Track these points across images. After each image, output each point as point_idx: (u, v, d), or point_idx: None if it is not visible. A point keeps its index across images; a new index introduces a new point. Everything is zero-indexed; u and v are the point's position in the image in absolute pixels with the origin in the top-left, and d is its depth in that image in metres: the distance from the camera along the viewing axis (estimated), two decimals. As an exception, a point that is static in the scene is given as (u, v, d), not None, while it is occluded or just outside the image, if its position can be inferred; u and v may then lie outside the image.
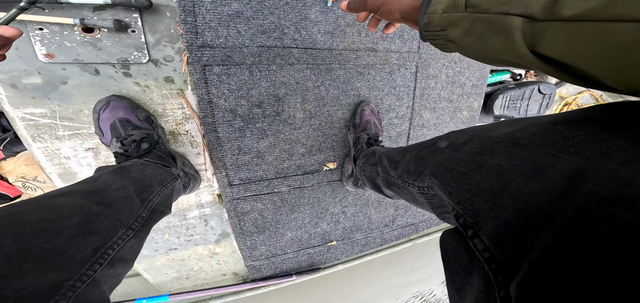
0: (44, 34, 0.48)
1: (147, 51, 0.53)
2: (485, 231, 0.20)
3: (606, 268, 0.12)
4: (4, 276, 0.22)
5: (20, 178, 0.76)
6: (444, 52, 0.39)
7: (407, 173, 0.39)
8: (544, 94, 1.12)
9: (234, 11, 0.56)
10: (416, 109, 0.86)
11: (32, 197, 0.34)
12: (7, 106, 0.50)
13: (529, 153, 0.20)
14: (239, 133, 0.65)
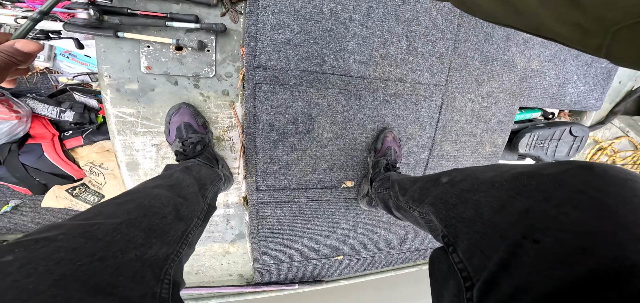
0: (149, 51, 0.67)
1: (215, 67, 0.71)
2: (461, 248, 0.31)
3: (539, 273, 0.21)
4: (144, 244, 0.37)
5: (89, 163, 0.96)
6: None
7: (413, 200, 0.53)
8: (575, 136, 1.22)
9: (286, 39, 0.73)
10: (437, 140, 1.00)
11: (133, 187, 0.51)
12: (108, 104, 0.69)
13: (499, 193, 0.30)
14: (273, 144, 0.82)
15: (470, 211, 0.32)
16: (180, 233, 0.45)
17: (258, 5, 0.70)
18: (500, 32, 0.94)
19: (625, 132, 1.39)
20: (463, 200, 0.35)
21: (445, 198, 0.39)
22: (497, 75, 0.98)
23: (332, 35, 0.77)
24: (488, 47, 0.93)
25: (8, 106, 0.91)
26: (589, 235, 0.20)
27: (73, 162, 0.98)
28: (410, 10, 0.82)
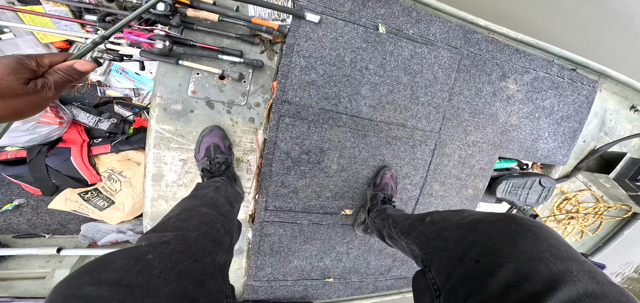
0: (198, 78, 0.87)
1: (247, 97, 0.94)
2: (434, 268, 0.52)
3: (479, 283, 0.43)
4: (212, 252, 0.57)
5: (109, 169, 1.11)
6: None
7: (402, 232, 0.77)
8: (544, 186, 1.62)
9: (311, 80, 0.98)
10: (428, 181, 1.31)
11: (183, 205, 0.70)
12: (153, 121, 0.87)
13: (461, 231, 0.50)
14: (286, 170, 1.05)
15: (442, 243, 0.55)
16: (228, 244, 0.66)
17: (293, 48, 0.94)
18: (488, 87, 1.29)
19: (588, 186, 1.85)
20: (438, 236, 0.58)
21: (427, 234, 0.63)
22: (482, 127, 1.33)
23: (350, 81, 1.04)
24: (477, 100, 1.27)
25: (56, 112, 1.06)
26: (506, 257, 0.39)
27: (93, 168, 1.12)
28: (416, 64, 1.13)
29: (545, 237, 0.40)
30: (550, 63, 1.34)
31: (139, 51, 0.80)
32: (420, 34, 1.09)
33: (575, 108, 1.45)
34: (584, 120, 1.50)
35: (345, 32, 0.99)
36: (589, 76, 1.45)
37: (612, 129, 1.68)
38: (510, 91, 1.29)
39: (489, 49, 1.20)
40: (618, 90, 1.56)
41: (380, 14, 1.02)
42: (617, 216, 1.93)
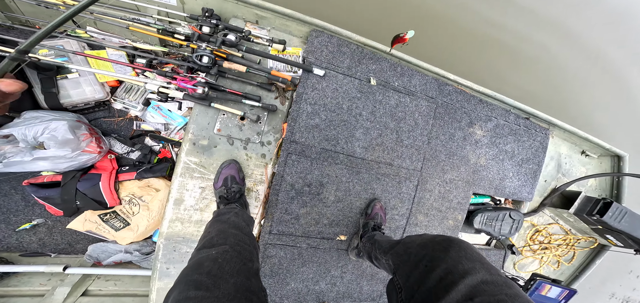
0: (223, 118, 1.05)
1: (261, 136, 1.11)
2: (399, 274, 0.74)
3: (427, 280, 0.62)
4: (250, 260, 0.70)
5: (130, 194, 1.23)
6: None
7: (383, 252, 0.94)
8: (513, 219, 1.82)
9: (315, 124, 1.17)
10: (413, 212, 1.48)
11: (214, 226, 0.84)
12: (183, 153, 1.02)
13: (419, 248, 0.71)
14: (291, 199, 1.20)
15: (406, 257, 0.76)
16: (256, 255, 0.81)
17: (302, 96, 1.14)
18: (460, 133, 1.52)
19: (555, 220, 2.08)
20: (405, 252, 0.79)
21: (398, 251, 0.83)
22: (456, 166, 1.54)
23: (346, 125, 1.24)
24: (451, 144, 1.50)
25: (98, 142, 1.19)
26: (441, 262, 0.60)
27: (116, 192, 1.24)
28: (400, 111, 1.35)
29: (465, 249, 0.62)
30: (507, 112, 1.61)
31: (183, 94, 0.97)
32: (403, 86, 1.33)
33: (532, 152, 1.71)
34: (541, 163, 1.76)
35: (344, 84, 1.21)
36: (541, 124, 1.73)
37: (568, 171, 1.95)
38: (477, 136, 1.53)
39: (459, 99, 1.45)
40: (567, 137, 1.85)
41: (372, 69, 1.26)
42: (586, 247, 2.14)
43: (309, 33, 1.18)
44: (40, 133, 1.19)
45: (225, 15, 1.20)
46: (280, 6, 1.14)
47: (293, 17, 1.15)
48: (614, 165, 1.96)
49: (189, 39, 1.06)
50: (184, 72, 1.05)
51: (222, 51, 1.04)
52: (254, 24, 1.20)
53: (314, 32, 1.16)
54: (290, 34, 1.24)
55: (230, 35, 1.02)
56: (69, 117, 1.26)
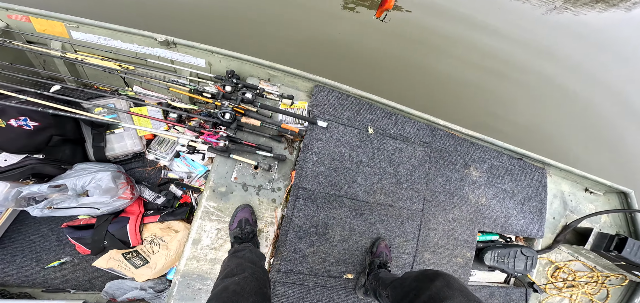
0: (239, 167, 1.22)
1: (272, 183, 1.26)
2: (392, 299, 0.94)
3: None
4: (265, 287, 0.84)
5: (152, 235, 1.39)
6: None
7: (385, 286, 1.03)
8: (526, 256, 1.79)
9: (320, 171, 1.31)
10: (419, 250, 1.52)
11: (234, 262, 0.96)
12: (204, 199, 1.18)
13: (412, 280, 0.85)
14: (299, 239, 1.30)
15: (401, 288, 0.89)
16: (269, 285, 0.93)
17: (308, 146, 1.30)
18: (456, 175, 1.59)
19: (575, 256, 2.01)
20: (401, 285, 0.91)
21: (396, 285, 0.95)
22: (457, 206, 1.60)
23: (348, 171, 1.37)
24: (449, 185, 1.57)
25: (131, 190, 1.40)
26: (426, 291, 0.74)
27: (139, 233, 1.40)
28: (397, 157, 1.47)
29: (448, 280, 0.73)
30: (500, 153, 1.68)
31: (208, 147, 1.16)
32: (399, 133, 1.46)
33: (533, 191, 1.74)
34: (544, 200, 1.77)
35: (345, 134, 1.36)
36: (535, 163, 1.78)
37: (576, 208, 1.94)
38: (474, 177, 1.60)
39: (451, 142, 1.56)
40: (566, 176, 1.87)
41: (369, 118, 1.42)
42: (618, 284, 2.01)
43: (313, 88, 1.37)
44: (88, 182, 1.39)
45: (243, 74, 1.43)
46: (288, 67, 1.36)
47: (299, 75, 1.36)
48: (622, 201, 1.93)
49: (214, 97, 1.27)
50: (209, 127, 1.24)
51: (241, 107, 1.23)
52: (266, 81, 1.42)
53: (317, 88, 1.35)
54: (297, 89, 1.44)
55: (247, 94, 1.23)
56: (112, 168, 1.47)
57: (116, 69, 1.31)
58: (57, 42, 1.44)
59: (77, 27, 1.38)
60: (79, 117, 1.16)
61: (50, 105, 1.10)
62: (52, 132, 1.32)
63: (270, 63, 1.32)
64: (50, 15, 1.36)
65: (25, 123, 1.22)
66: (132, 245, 1.39)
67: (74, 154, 1.49)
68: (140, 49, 1.42)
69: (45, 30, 1.41)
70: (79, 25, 1.38)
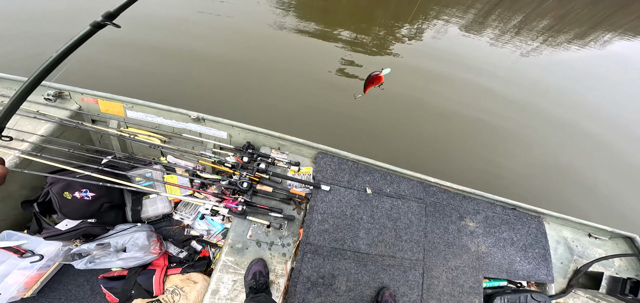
0: (254, 226, 1.42)
1: (283, 239, 1.44)
2: None
3: None
4: None
5: (173, 285, 1.59)
6: None
7: None
8: (537, 301, 1.79)
9: (325, 228, 1.48)
10: (425, 298, 1.59)
11: None
12: (223, 254, 1.38)
13: None
14: (306, 290, 1.43)
15: None
16: None
17: (313, 208, 1.49)
18: (453, 226, 1.70)
19: (596, 302, 1.96)
20: None
21: None
22: (458, 254, 1.68)
23: (350, 227, 1.53)
24: (447, 236, 1.67)
25: (160, 246, 1.63)
26: None
27: (162, 284, 1.59)
28: (395, 213, 1.61)
29: None
30: (493, 205, 1.78)
31: (227, 211, 1.37)
32: (394, 192, 1.63)
33: (532, 238, 1.80)
34: (547, 246, 1.82)
35: (346, 195, 1.55)
36: (530, 213, 1.85)
37: (583, 253, 1.95)
38: (471, 227, 1.71)
39: (444, 197, 1.69)
40: (565, 222, 1.92)
41: (367, 180, 1.60)
42: None
43: (316, 155, 1.60)
44: (127, 241, 1.62)
45: (257, 144, 1.69)
46: (295, 137, 1.61)
47: (304, 144, 1.59)
48: (630, 245, 1.92)
49: (234, 167, 1.52)
50: (229, 194, 1.47)
51: (256, 176, 1.47)
52: (277, 150, 1.66)
53: (320, 155, 1.58)
54: (303, 156, 1.67)
55: (262, 164, 1.47)
56: (146, 228, 1.71)
57: (158, 143, 1.60)
58: (114, 120, 1.78)
59: (132, 107, 1.72)
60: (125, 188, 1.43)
61: (107, 179, 1.38)
62: (104, 200, 1.59)
63: (280, 134, 1.58)
64: (113, 97, 1.70)
65: (86, 194, 1.50)
66: (155, 295, 1.56)
67: (116, 217, 1.75)
68: (177, 124, 1.73)
69: (107, 110, 1.76)
70: (134, 105, 1.71)
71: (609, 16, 11.97)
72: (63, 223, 1.55)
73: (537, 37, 8.26)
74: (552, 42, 8.26)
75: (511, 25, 9.17)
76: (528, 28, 9.41)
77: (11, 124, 1.52)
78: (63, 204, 1.44)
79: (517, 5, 12.15)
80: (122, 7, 0.51)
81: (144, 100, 1.69)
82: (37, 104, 1.64)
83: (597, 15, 12.37)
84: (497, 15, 9.99)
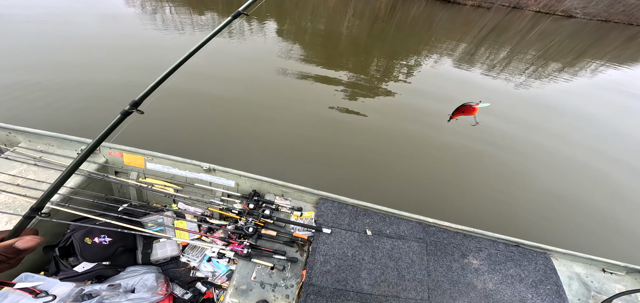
0: (258, 268, 1.47)
1: (286, 281, 1.47)
2: None
3: None
4: None
5: None
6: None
7: None
8: None
9: (327, 270, 1.52)
10: None
11: None
12: (228, 295, 1.42)
13: None
14: (311, 335, 1.43)
15: None
16: None
17: (316, 250, 1.54)
18: (456, 264, 1.69)
19: None
20: None
21: None
22: (464, 293, 1.66)
23: (352, 268, 1.56)
24: (451, 274, 1.67)
25: (166, 287, 1.69)
26: None
27: None
28: (396, 253, 1.64)
29: None
30: (495, 242, 1.79)
31: (234, 254, 1.44)
32: (394, 233, 1.67)
33: (542, 274, 1.77)
34: (558, 282, 1.78)
35: (346, 237, 1.60)
36: (535, 249, 1.84)
37: (602, 288, 1.89)
38: (475, 265, 1.70)
39: (444, 236, 1.72)
40: (574, 258, 1.89)
41: (366, 222, 1.66)
42: None
43: (317, 200, 1.68)
44: (137, 282, 1.68)
45: (262, 192, 1.79)
46: (296, 185, 1.71)
47: (305, 191, 1.68)
48: None
49: (240, 214, 1.61)
50: (236, 238, 1.55)
51: (261, 221, 1.55)
52: (280, 197, 1.76)
53: (321, 200, 1.66)
54: (305, 202, 1.76)
55: (267, 210, 1.55)
56: (154, 270, 1.77)
57: (172, 193, 1.73)
58: (134, 172, 1.94)
59: (152, 159, 1.89)
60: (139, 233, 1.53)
61: (124, 226, 1.48)
62: (119, 244, 1.69)
63: (283, 182, 1.69)
64: (136, 151, 1.89)
65: (104, 239, 1.61)
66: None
67: (128, 259, 1.83)
68: (189, 174, 1.87)
69: (130, 162, 1.93)
70: (153, 157, 1.88)
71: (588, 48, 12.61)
72: (80, 265, 1.63)
73: (526, 69, 8.60)
74: (548, 72, 8.56)
75: (500, 58, 9.63)
76: (517, 59, 9.85)
77: (43, 176, 1.68)
78: (84, 248, 1.55)
79: (502, 39, 12.86)
80: (145, 96, 0.62)
81: (162, 152, 1.85)
82: (69, 158, 1.81)
83: (577, 47, 12.96)
84: (485, 48, 10.56)
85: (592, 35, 20.63)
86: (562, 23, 28.81)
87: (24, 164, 1.75)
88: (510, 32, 16.71)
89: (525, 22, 24.01)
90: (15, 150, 1.83)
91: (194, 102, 4.02)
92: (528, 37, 15.54)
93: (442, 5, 27.85)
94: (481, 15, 24.96)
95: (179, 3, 10.54)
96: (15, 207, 1.50)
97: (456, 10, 25.70)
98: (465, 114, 1.02)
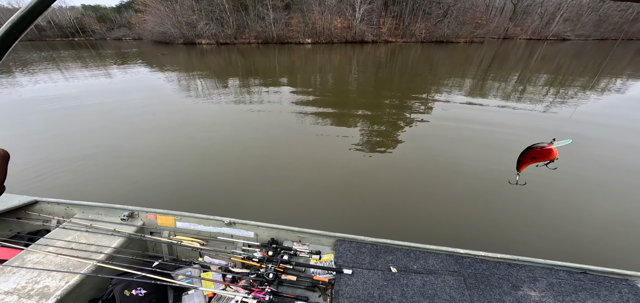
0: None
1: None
2: None
3: None
4: None
5: None
6: None
7: None
8: None
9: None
10: None
11: None
12: None
13: None
14: None
15: None
16: None
17: (339, 292, 1.42)
18: (508, 297, 1.43)
19: None
20: None
21: None
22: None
23: None
24: (502, 312, 1.39)
25: None
26: None
27: None
28: (429, 289, 1.45)
29: None
30: (552, 270, 1.49)
31: (256, 301, 1.37)
32: (422, 267, 1.50)
33: None
34: None
35: (370, 277, 1.47)
36: (611, 276, 1.47)
37: None
38: (535, 297, 1.42)
39: (483, 267, 1.50)
40: None
41: (389, 259, 1.53)
42: None
43: (335, 242, 1.60)
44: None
45: (280, 239, 1.78)
46: (313, 229, 1.67)
47: (322, 234, 1.62)
48: None
49: (260, 261, 1.56)
50: (257, 285, 1.48)
51: (281, 267, 1.48)
52: (298, 242, 1.70)
53: (338, 241, 1.58)
54: (323, 245, 1.70)
55: (285, 256, 1.50)
56: (184, 323, 1.71)
57: (198, 247, 1.76)
58: (166, 231, 2.03)
59: (181, 218, 2.00)
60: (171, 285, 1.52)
61: (157, 279, 1.51)
62: (152, 297, 1.72)
63: (299, 229, 1.67)
64: (168, 213, 2.06)
65: (140, 291, 1.65)
66: None
67: (161, 318, 1.80)
68: (213, 229, 1.93)
69: (163, 223, 2.08)
70: (182, 217, 1.99)
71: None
72: (118, 318, 1.64)
73: (546, 93, 8.15)
74: (571, 94, 8.04)
75: (511, 85, 9.28)
76: (531, 83, 9.42)
77: (92, 240, 1.82)
78: (123, 300, 1.64)
79: (507, 66, 12.49)
80: None
81: (189, 212, 2.02)
82: (114, 224, 1.98)
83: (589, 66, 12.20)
84: (492, 79, 10.31)
85: (598, 54, 19.70)
86: (559, 46, 27.96)
87: (78, 231, 1.92)
88: (511, 60, 16.47)
89: (522, 50, 23.66)
90: (71, 221, 2.03)
91: (218, 162, 4.31)
92: (531, 63, 15.17)
93: (436, 46, 28.79)
94: (476, 49, 25.19)
95: (206, 75, 12.10)
96: (68, 267, 1.62)
97: (451, 48, 26.35)
98: (537, 160, 0.78)
